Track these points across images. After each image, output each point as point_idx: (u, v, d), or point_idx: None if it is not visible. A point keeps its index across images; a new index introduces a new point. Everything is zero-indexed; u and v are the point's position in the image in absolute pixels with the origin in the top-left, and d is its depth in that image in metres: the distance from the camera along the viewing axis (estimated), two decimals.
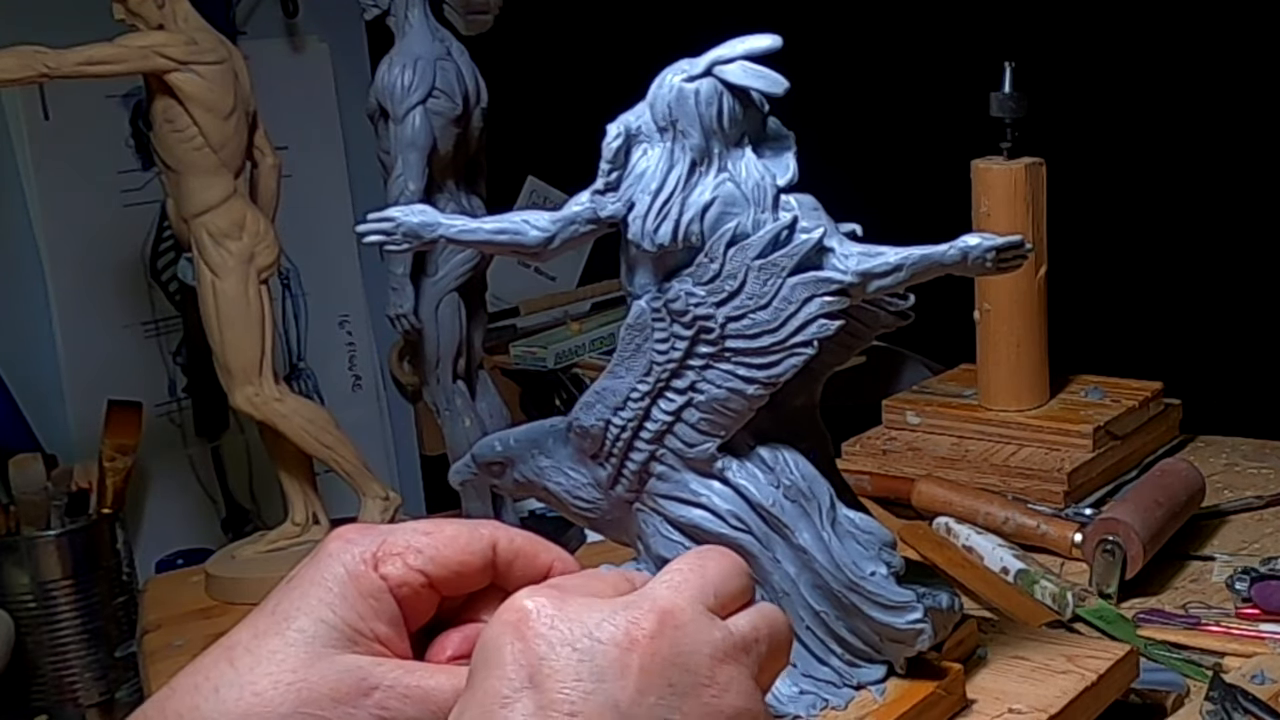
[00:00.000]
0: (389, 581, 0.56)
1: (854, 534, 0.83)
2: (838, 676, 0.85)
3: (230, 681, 0.54)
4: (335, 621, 0.55)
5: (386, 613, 0.56)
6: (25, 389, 2.26)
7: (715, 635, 0.51)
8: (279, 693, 0.54)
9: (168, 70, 1.24)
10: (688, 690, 0.50)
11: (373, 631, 0.56)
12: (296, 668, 0.54)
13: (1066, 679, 0.89)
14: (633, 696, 0.48)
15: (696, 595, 0.52)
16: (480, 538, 0.58)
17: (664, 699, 0.49)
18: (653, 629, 0.50)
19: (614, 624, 0.50)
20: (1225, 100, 2.30)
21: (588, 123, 0.85)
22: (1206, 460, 1.37)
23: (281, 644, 0.55)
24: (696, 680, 0.50)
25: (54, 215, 2.26)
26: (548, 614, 0.50)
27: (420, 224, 0.84)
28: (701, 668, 0.50)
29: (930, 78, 2.39)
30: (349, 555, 0.57)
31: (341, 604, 0.56)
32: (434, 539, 0.57)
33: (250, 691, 0.54)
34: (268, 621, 0.56)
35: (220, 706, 0.54)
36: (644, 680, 0.49)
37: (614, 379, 0.83)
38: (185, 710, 0.54)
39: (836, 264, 0.78)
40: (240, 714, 0.54)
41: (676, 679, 0.50)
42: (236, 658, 0.55)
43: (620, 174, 0.80)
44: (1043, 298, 1.37)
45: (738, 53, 0.78)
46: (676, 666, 0.50)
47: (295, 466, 1.36)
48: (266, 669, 0.54)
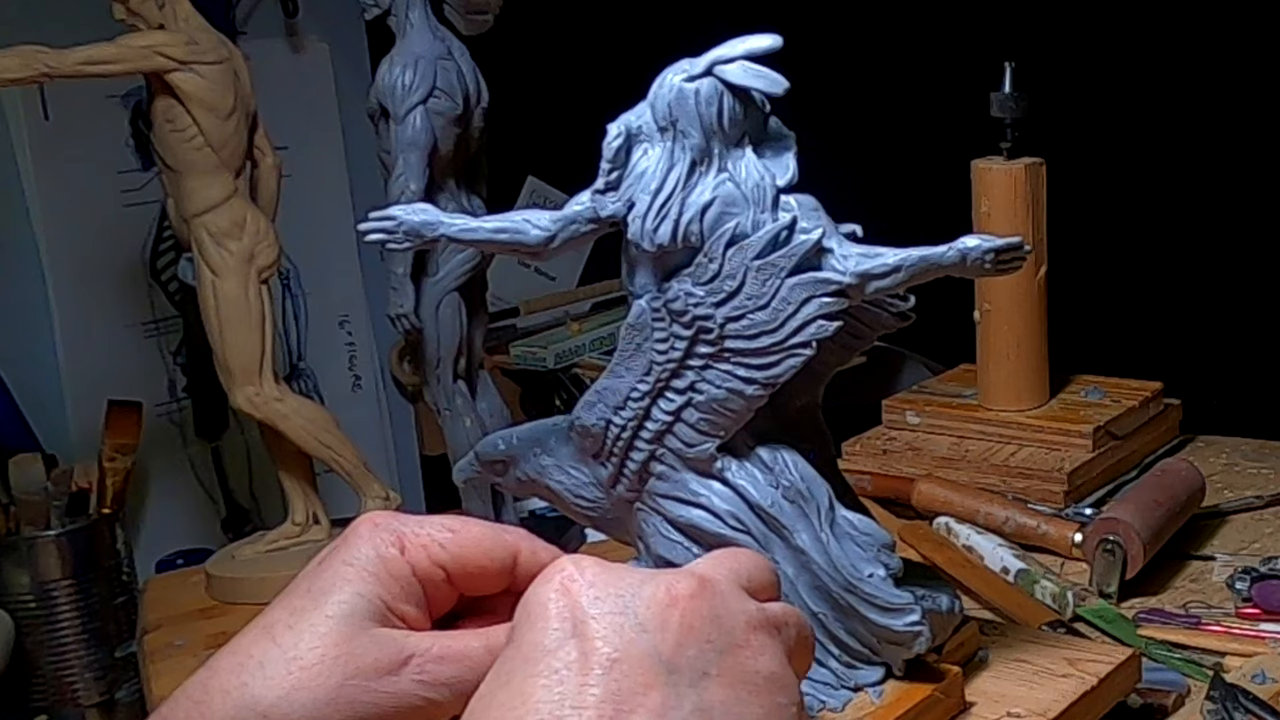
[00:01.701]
0: (414, 568, 0.58)
1: (852, 535, 0.82)
2: (835, 678, 0.84)
3: (275, 657, 0.55)
4: (370, 597, 0.57)
5: (413, 596, 0.58)
6: (25, 389, 2.26)
7: (750, 606, 0.53)
8: (325, 666, 0.55)
9: (168, 70, 1.24)
10: (725, 648, 0.51)
11: (402, 611, 0.57)
12: (339, 641, 0.55)
13: (1067, 683, 0.89)
14: (673, 649, 0.50)
15: (731, 575, 0.54)
16: (503, 544, 0.59)
17: (703, 653, 0.50)
18: (693, 589, 0.52)
19: (656, 583, 0.52)
20: (1225, 100, 2.30)
21: (588, 123, 0.85)
22: (1206, 460, 1.37)
23: (322, 618, 0.56)
24: (733, 640, 0.51)
25: (54, 215, 2.26)
26: (592, 572, 0.52)
27: (422, 223, 0.84)
28: (738, 629, 0.52)
29: (930, 78, 2.39)
30: (378, 539, 0.58)
31: (374, 583, 0.57)
32: (458, 537, 0.58)
33: (297, 665, 0.55)
34: (304, 600, 0.57)
35: (267, 682, 0.55)
36: (684, 634, 0.50)
37: (614, 378, 0.83)
38: (232, 687, 0.55)
39: (835, 265, 0.78)
40: (289, 688, 0.55)
41: (715, 636, 0.51)
42: (278, 634, 0.56)
43: (620, 173, 0.80)
44: (1043, 298, 1.37)
45: (738, 52, 0.78)
46: (715, 625, 0.51)
47: (295, 467, 1.36)
48: (310, 643, 0.55)
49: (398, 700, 0.55)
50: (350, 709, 0.55)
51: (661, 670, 0.49)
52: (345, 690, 0.55)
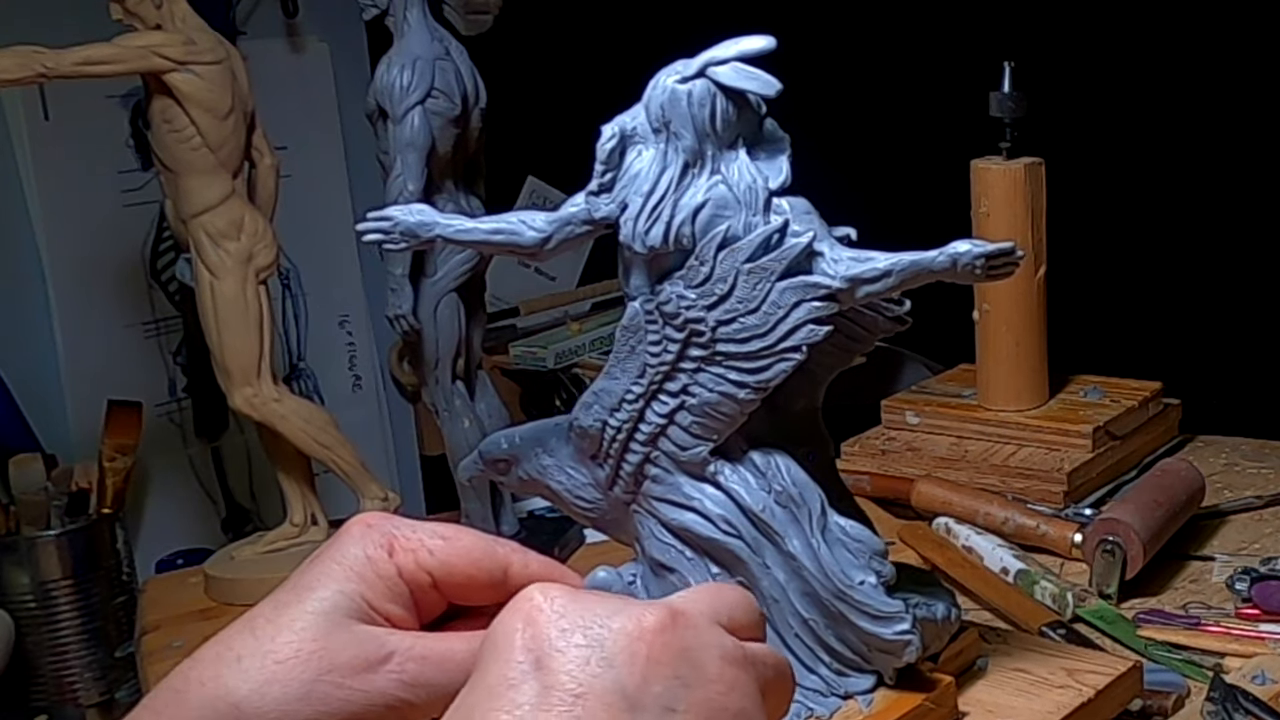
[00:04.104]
0: (401, 571, 0.57)
1: (844, 542, 0.82)
2: (825, 685, 0.84)
3: (252, 650, 0.55)
4: (353, 595, 0.56)
5: (400, 597, 0.57)
6: (25, 389, 2.26)
7: (725, 642, 0.52)
8: (300, 661, 0.55)
9: (165, 70, 1.24)
10: (694, 684, 0.50)
11: (387, 611, 0.57)
12: (317, 636, 0.55)
13: (1064, 694, 0.88)
14: (639, 683, 0.48)
15: (709, 610, 0.53)
16: (494, 556, 0.58)
17: (670, 689, 0.49)
18: (664, 622, 0.50)
19: (625, 615, 0.50)
20: (1225, 100, 2.29)
21: (587, 123, 0.85)
22: (1206, 460, 1.37)
23: (301, 613, 0.56)
24: (704, 676, 0.50)
25: (54, 215, 2.26)
26: (560, 603, 0.50)
27: (418, 223, 0.84)
28: (709, 665, 0.50)
29: (930, 78, 2.39)
30: (369, 540, 0.58)
31: (360, 581, 0.57)
32: (448, 545, 0.58)
33: (272, 660, 0.55)
34: (288, 595, 0.57)
35: (243, 675, 0.55)
36: (651, 669, 0.49)
37: (610, 380, 0.83)
38: (208, 679, 0.55)
39: (826, 269, 0.78)
40: (263, 681, 0.55)
41: (684, 672, 0.50)
42: (258, 627, 0.56)
43: (614, 175, 0.80)
44: (1042, 298, 1.37)
45: (731, 54, 0.77)
46: (685, 660, 0.50)
47: (294, 467, 1.36)
48: (287, 638, 0.55)
49: (373, 699, 0.55)
50: (324, 704, 0.55)
51: (625, 706, 0.48)
52: (319, 686, 0.55)
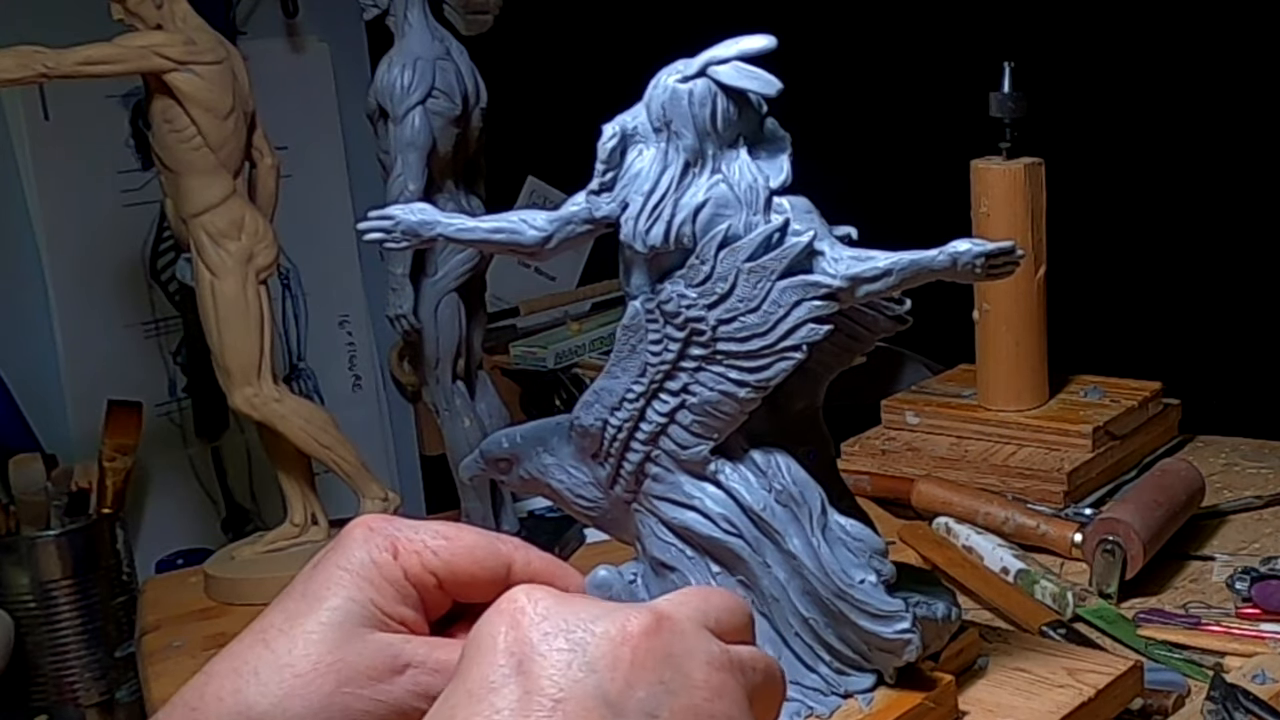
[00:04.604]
0: (407, 574, 0.57)
1: (844, 541, 0.82)
2: (825, 684, 0.84)
3: (269, 664, 0.55)
4: (364, 601, 0.56)
5: (409, 599, 0.58)
6: (25, 389, 2.26)
7: (712, 647, 0.51)
8: (319, 673, 0.55)
9: (166, 70, 1.24)
10: (679, 689, 0.49)
11: (398, 614, 0.57)
12: (333, 648, 0.55)
13: (1064, 693, 0.88)
14: (621, 689, 0.48)
15: (696, 614, 0.52)
16: (497, 554, 0.59)
17: (653, 694, 0.48)
18: (648, 626, 0.49)
19: (610, 619, 0.49)
20: (1225, 100, 2.30)
21: (588, 123, 0.85)
22: (1206, 460, 1.37)
23: (315, 624, 0.56)
24: (689, 682, 0.49)
25: (54, 215, 2.26)
26: (544, 606, 0.50)
27: (419, 222, 0.84)
28: (695, 670, 0.50)
29: (930, 78, 2.39)
30: (372, 543, 0.58)
31: (368, 587, 0.57)
32: (451, 545, 0.58)
33: (290, 673, 0.55)
34: (298, 604, 0.57)
35: (262, 689, 0.55)
36: (635, 674, 0.48)
37: (611, 379, 0.83)
38: (226, 694, 0.55)
39: (826, 268, 0.78)
40: (283, 695, 0.55)
41: (668, 677, 0.49)
42: (272, 639, 0.56)
43: (615, 174, 0.80)
44: (1042, 298, 1.37)
45: (732, 53, 0.77)
46: (669, 665, 0.49)
47: (294, 467, 1.36)
48: (304, 650, 0.55)
49: (391, 707, 0.55)
50: (344, 715, 0.55)
51: (607, 712, 0.47)
52: (338, 698, 0.55)
